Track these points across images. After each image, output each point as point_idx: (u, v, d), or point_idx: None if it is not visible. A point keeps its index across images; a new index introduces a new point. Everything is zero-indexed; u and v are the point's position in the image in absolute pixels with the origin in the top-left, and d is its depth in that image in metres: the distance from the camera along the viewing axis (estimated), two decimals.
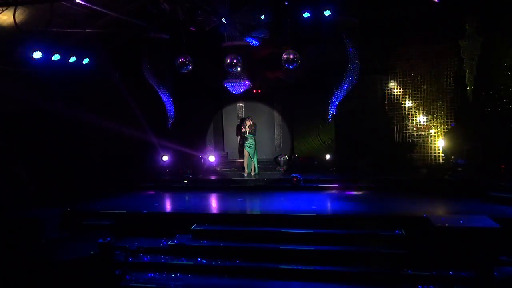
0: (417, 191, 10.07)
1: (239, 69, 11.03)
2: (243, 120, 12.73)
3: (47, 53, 9.54)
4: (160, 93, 12.29)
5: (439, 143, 11.51)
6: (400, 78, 11.77)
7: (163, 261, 7.81)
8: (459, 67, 11.07)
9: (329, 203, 9.55)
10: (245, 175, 12.39)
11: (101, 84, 12.80)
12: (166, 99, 12.42)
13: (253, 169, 12.40)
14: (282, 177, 11.82)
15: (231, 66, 10.78)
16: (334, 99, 11.54)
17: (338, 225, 8.08)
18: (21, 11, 8.37)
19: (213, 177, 12.34)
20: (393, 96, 11.98)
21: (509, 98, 10.86)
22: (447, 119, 11.47)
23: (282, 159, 12.98)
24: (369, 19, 10.92)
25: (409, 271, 6.84)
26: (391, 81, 11.91)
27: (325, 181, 11.29)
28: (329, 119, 11.85)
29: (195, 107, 13.77)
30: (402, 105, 11.88)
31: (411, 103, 11.76)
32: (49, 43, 9.45)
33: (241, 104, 13.80)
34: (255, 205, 10.14)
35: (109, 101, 13.04)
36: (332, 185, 10.95)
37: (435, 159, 11.56)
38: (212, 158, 12.95)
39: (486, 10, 10.35)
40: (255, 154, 12.34)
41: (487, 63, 10.76)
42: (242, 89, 12.09)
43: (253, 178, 12.04)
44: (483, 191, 9.30)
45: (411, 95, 11.71)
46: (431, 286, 6.58)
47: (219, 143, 14.04)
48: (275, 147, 13.72)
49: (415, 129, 11.74)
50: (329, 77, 11.85)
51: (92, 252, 7.12)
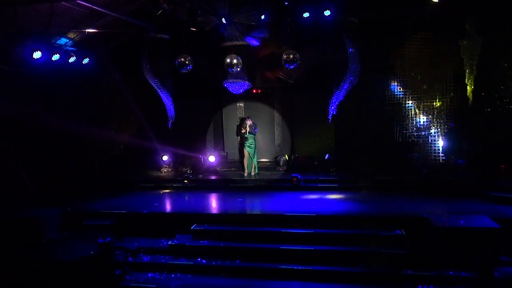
0: (417, 191, 10.07)
1: (239, 69, 11.05)
2: (243, 120, 12.73)
3: (47, 53, 9.54)
4: (160, 93, 12.29)
5: (439, 143, 11.51)
6: (400, 78, 11.76)
7: (163, 261, 7.80)
8: (459, 67, 11.06)
9: (329, 203, 9.53)
10: (245, 175, 12.38)
11: (101, 84, 12.82)
12: (166, 99, 12.42)
13: (253, 169, 12.39)
14: (282, 177, 11.83)
15: (231, 66, 10.80)
16: (334, 99, 11.54)
17: (338, 225, 8.07)
18: None
19: (213, 177, 12.34)
20: (393, 96, 11.98)
21: (509, 98, 10.87)
22: (447, 119, 11.47)
23: (282, 159, 12.98)
24: (369, 19, 10.93)
25: (409, 271, 6.83)
26: (391, 81, 11.90)
27: (325, 181, 11.29)
28: (329, 119, 11.84)
29: (195, 107, 13.77)
30: (402, 105, 11.87)
31: (411, 103, 11.75)
32: (49, 43, 9.46)
33: (241, 104, 13.80)
34: (255, 205, 10.13)
35: (109, 101, 13.07)
36: (332, 185, 10.96)
37: (435, 159, 11.56)
38: (212, 158, 12.94)
39: (486, 10, 10.35)
40: (255, 154, 12.34)
41: (487, 63, 10.76)
42: (242, 89, 12.09)
43: (253, 178, 12.04)
44: (483, 191, 9.30)
45: (411, 95, 11.70)
46: (431, 286, 6.57)
47: (219, 143, 14.04)
48: (275, 147, 13.72)
49: (415, 129, 11.74)
50: (329, 77, 11.85)
51: (92, 252, 7.11)
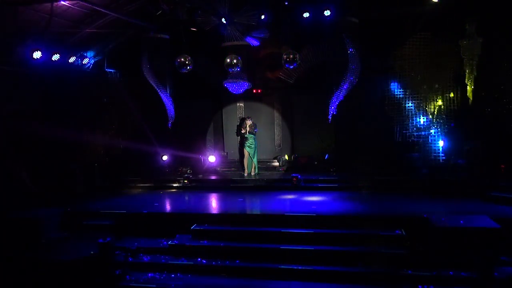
0: (417, 191, 10.07)
1: (239, 69, 11.05)
2: (243, 120, 12.73)
3: (47, 53, 9.55)
4: (160, 93, 12.29)
5: (439, 143, 11.50)
6: (400, 78, 11.75)
7: (163, 261, 7.80)
8: (459, 67, 11.06)
9: (329, 203, 9.53)
10: (245, 175, 12.38)
11: (101, 84, 12.81)
12: (166, 99, 12.42)
13: (253, 169, 12.39)
14: (282, 177, 11.83)
15: (231, 66, 10.80)
16: (334, 99, 11.54)
17: (338, 225, 8.07)
18: None
19: (213, 177, 12.34)
20: (393, 96, 11.98)
21: (509, 98, 10.86)
22: (447, 119, 11.46)
23: (282, 159, 12.98)
24: (369, 19, 10.93)
25: (409, 271, 6.83)
26: (391, 81, 11.90)
27: (325, 181, 11.29)
28: (329, 119, 11.84)
29: (195, 107, 13.76)
30: (402, 105, 11.87)
31: (411, 103, 11.75)
32: (49, 43, 9.46)
33: (241, 104, 13.80)
34: (255, 205, 10.13)
35: (109, 101, 13.06)
36: (332, 185, 10.96)
37: (435, 159, 11.56)
38: (212, 158, 12.94)
39: (486, 10, 10.35)
40: (255, 154, 12.34)
41: (487, 63, 10.76)
42: (242, 89, 12.10)
43: (253, 178, 12.04)
44: (483, 191, 9.30)
45: (411, 95, 11.70)
46: (431, 286, 6.57)
47: (219, 143, 14.04)
48: (275, 147, 13.73)
49: (415, 129, 11.73)
50: (329, 77, 11.85)
51: (92, 252, 7.12)
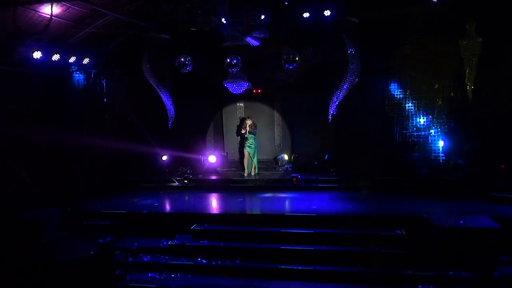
0: (417, 191, 10.07)
1: (239, 69, 11.04)
2: (243, 120, 12.72)
3: (47, 53, 9.55)
4: (160, 93, 12.27)
5: (439, 143, 11.50)
6: (400, 78, 11.75)
7: (163, 261, 7.81)
8: (459, 67, 11.06)
9: (329, 203, 9.53)
10: (245, 175, 12.38)
11: (100, 84, 12.81)
12: (166, 99, 12.40)
13: (253, 169, 12.39)
14: (282, 177, 11.83)
15: (231, 66, 10.79)
16: (334, 99, 11.53)
17: (338, 225, 8.07)
18: None
19: (213, 177, 12.33)
20: (393, 96, 11.97)
21: (509, 98, 10.85)
22: (447, 119, 11.46)
23: (282, 159, 12.97)
24: (369, 19, 10.92)
25: (409, 271, 6.84)
26: (391, 81, 11.90)
27: (325, 181, 11.29)
28: (329, 119, 11.83)
29: (195, 107, 13.76)
30: (402, 105, 11.86)
31: (411, 103, 11.75)
32: (49, 43, 9.46)
33: (241, 104, 13.80)
34: (255, 205, 10.13)
35: (109, 101, 13.05)
36: (332, 185, 10.95)
37: (435, 159, 11.55)
38: (212, 158, 12.93)
39: (486, 10, 10.34)
40: (255, 154, 12.33)
41: (487, 63, 10.75)
42: (242, 89, 12.09)
43: (253, 178, 12.03)
44: (483, 191, 9.30)
45: (411, 95, 11.69)
46: (431, 286, 6.58)
47: (219, 143, 14.03)
48: (275, 147, 13.72)
49: (415, 129, 11.73)
50: (329, 77, 11.83)
51: (92, 252, 7.13)
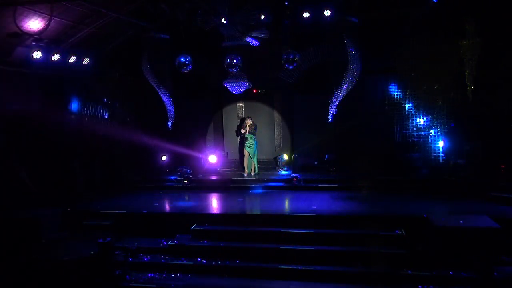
0: (417, 191, 10.07)
1: (239, 69, 11.04)
2: (243, 120, 12.73)
3: (47, 53, 9.54)
4: (160, 93, 12.27)
5: (439, 143, 11.50)
6: (400, 78, 11.75)
7: (163, 261, 7.82)
8: (459, 67, 11.05)
9: (329, 203, 9.54)
10: (245, 175, 12.39)
11: (100, 83, 12.80)
12: (166, 99, 12.40)
13: (253, 169, 12.39)
14: (282, 177, 11.83)
15: (231, 66, 10.79)
16: (334, 99, 11.53)
17: (338, 225, 8.08)
18: None
19: (213, 177, 12.34)
20: (393, 96, 11.97)
21: (509, 98, 10.85)
22: (447, 119, 11.46)
23: (281, 159, 12.97)
24: (369, 19, 10.92)
25: (409, 271, 6.85)
26: (391, 81, 11.89)
27: (325, 181, 11.30)
28: (329, 119, 11.83)
29: (195, 107, 13.76)
30: (402, 105, 11.86)
31: (411, 103, 11.74)
32: (49, 43, 9.45)
33: (241, 104, 13.80)
34: (255, 205, 10.13)
35: (109, 101, 13.04)
36: (332, 185, 10.95)
37: (435, 159, 11.55)
38: (212, 158, 12.94)
39: (486, 10, 10.34)
40: (255, 154, 12.33)
41: (487, 63, 10.75)
42: (242, 89, 12.09)
43: (253, 178, 12.04)
44: (483, 191, 9.30)
45: (411, 95, 11.69)
46: (431, 286, 6.58)
47: (219, 143, 14.03)
48: (275, 147, 13.73)
49: (415, 129, 11.72)
50: (329, 77, 11.83)
51: (92, 252, 7.13)
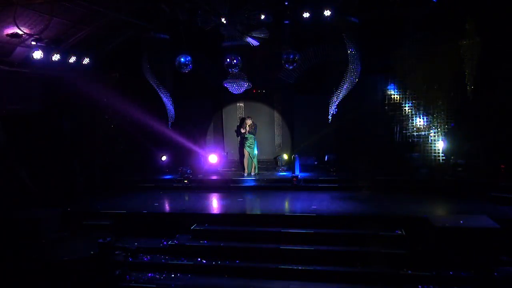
0: (417, 191, 10.07)
1: (239, 69, 11.05)
2: (243, 120, 12.72)
3: (47, 53, 9.54)
4: (160, 93, 12.27)
5: (439, 143, 11.50)
6: (400, 78, 11.75)
7: (163, 261, 7.82)
8: (459, 67, 11.05)
9: (329, 203, 9.54)
10: (245, 175, 12.38)
11: (100, 83, 12.80)
12: (166, 99, 12.40)
13: (253, 169, 12.39)
14: (282, 177, 11.82)
15: (231, 66, 10.79)
16: (334, 99, 11.53)
17: (338, 225, 8.08)
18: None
19: (213, 177, 12.33)
20: (393, 96, 11.97)
21: (509, 98, 10.85)
22: (447, 119, 11.45)
23: (281, 159, 12.97)
24: (369, 19, 10.92)
25: (409, 271, 6.85)
26: (391, 81, 11.89)
27: (325, 181, 11.30)
28: (329, 119, 11.83)
29: (195, 107, 13.76)
30: (402, 105, 11.86)
31: (411, 103, 11.74)
32: (49, 43, 9.45)
33: (241, 104, 13.80)
34: (255, 205, 10.13)
35: (109, 101, 13.04)
36: (332, 185, 10.95)
37: (435, 159, 11.56)
38: (212, 158, 12.93)
39: (486, 10, 10.34)
40: (255, 154, 12.33)
41: (487, 63, 10.75)
42: (242, 89, 12.09)
43: (253, 178, 12.04)
44: (483, 191, 9.30)
45: (411, 95, 11.69)
46: (431, 286, 6.59)
47: (219, 143, 14.03)
48: (275, 147, 13.72)
49: (415, 129, 11.72)
50: (329, 77, 11.83)
51: (92, 252, 7.13)
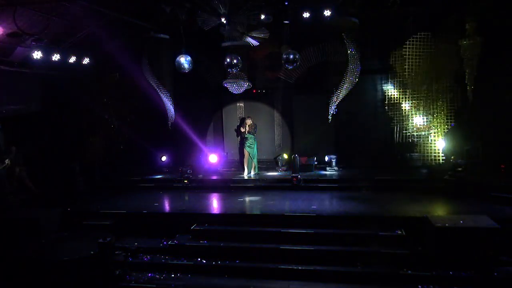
0: (417, 191, 10.06)
1: (239, 69, 11.05)
2: (243, 120, 12.72)
3: (47, 53, 9.55)
4: (160, 93, 12.29)
5: (439, 143, 11.50)
6: (400, 78, 11.75)
7: (163, 261, 7.81)
8: (459, 67, 11.06)
9: (329, 203, 9.53)
10: (245, 175, 12.38)
11: (100, 84, 12.82)
12: (166, 99, 12.42)
13: (253, 169, 12.39)
14: (282, 177, 11.83)
15: (231, 66, 10.80)
16: (334, 99, 11.54)
17: (338, 225, 8.07)
18: None
19: (213, 177, 12.33)
20: (393, 96, 11.98)
21: (509, 98, 10.86)
22: (447, 119, 11.46)
23: (281, 159, 12.97)
24: (369, 19, 10.93)
25: (409, 271, 6.84)
26: (391, 81, 11.90)
27: (325, 181, 11.30)
28: (329, 119, 11.84)
29: (195, 107, 13.77)
30: (402, 105, 11.87)
31: (411, 103, 11.75)
32: (49, 43, 9.46)
33: (241, 104, 13.80)
34: (255, 205, 10.12)
35: (109, 101, 13.06)
36: (332, 185, 10.95)
37: (435, 159, 11.56)
38: (212, 158, 12.94)
39: (486, 10, 10.34)
40: (255, 154, 12.33)
41: (487, 63, 10.75)
42: (242, 89, 12.10)
43: (253, 178, 12.04)
44: (483, 191, 9.29)
45: (411, 95, 11.69)
46: (431, 286, 6.58)
47: (219, 143, 14.04)
48: (275, 147, 13.73)
49: (415, 129, 11.73)
50: (329, 77, 11.84)
51: (92, 252, 7.12)
